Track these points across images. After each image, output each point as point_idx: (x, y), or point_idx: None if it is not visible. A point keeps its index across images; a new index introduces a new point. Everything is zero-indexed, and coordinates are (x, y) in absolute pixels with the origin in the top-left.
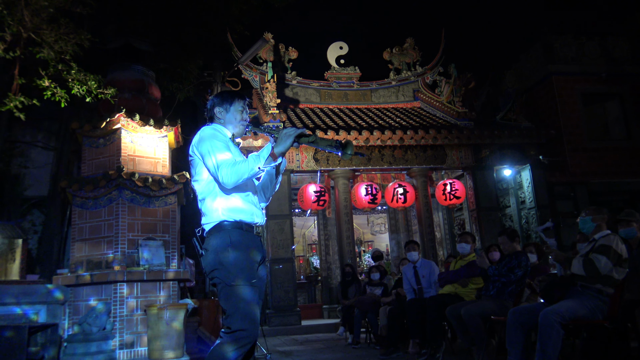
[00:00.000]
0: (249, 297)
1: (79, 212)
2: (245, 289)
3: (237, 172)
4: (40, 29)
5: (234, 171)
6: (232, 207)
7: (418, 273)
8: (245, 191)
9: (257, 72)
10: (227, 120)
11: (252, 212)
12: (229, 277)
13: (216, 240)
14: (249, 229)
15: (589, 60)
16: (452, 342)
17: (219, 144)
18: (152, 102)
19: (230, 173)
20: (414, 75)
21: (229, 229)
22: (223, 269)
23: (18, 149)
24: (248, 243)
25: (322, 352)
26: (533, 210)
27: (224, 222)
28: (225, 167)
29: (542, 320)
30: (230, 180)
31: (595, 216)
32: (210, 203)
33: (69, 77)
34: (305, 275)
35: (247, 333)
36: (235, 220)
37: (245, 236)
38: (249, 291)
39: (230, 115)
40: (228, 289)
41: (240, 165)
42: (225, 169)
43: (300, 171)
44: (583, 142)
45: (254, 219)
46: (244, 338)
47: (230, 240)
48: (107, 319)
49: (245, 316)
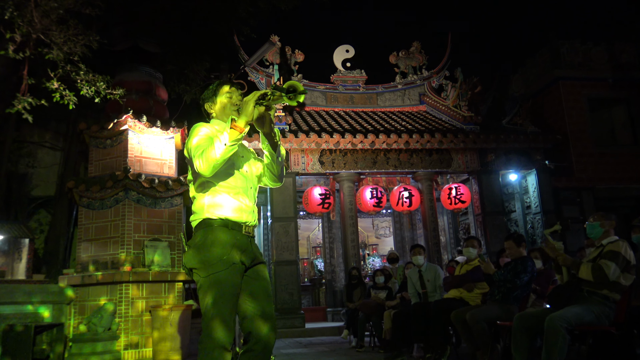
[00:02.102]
0: (221, 298)
1: (86, 213)
2: (220, 292)
3: (207, 157)
4: (49, 30)
5: (204, 157)
6: (218, 205)
7: (423, 277)
8: (234, 189)
9: (264, 74)
10: (219, 112)
11: (240, 210)
12: (206, 271)
13: (198, 238)
14: (236, 228)
15: (595, 65)
16: (456, 346)
17: (197, 137)
18: (159, 104)
19: (202, 159)
20: (420, 79)
21: (213, 226)
22: (201, 269)
23: (26, 149)
24: (229, 243)
25: (326, 355)
26: (539, 215)
27: (208, 220)
28: (198, 155)
29: (548, 326)
30: (204, 166)
31: (603, 222)
32: (199, 200)
33: (77, 78)
34: (310, 278)
35: (217, 339)
36: (221, 218)
37: (228, 235)
38: (224, 294)
39: (219, 106)
40: (204, 287)
41: (208, 149)
42: (198, 158)
43: (305, 174)
44: (589, 147)
45: (241, 218)
46: (212, 344)
47: (210, 239)
48: (113, 319)
49: (216, 320)
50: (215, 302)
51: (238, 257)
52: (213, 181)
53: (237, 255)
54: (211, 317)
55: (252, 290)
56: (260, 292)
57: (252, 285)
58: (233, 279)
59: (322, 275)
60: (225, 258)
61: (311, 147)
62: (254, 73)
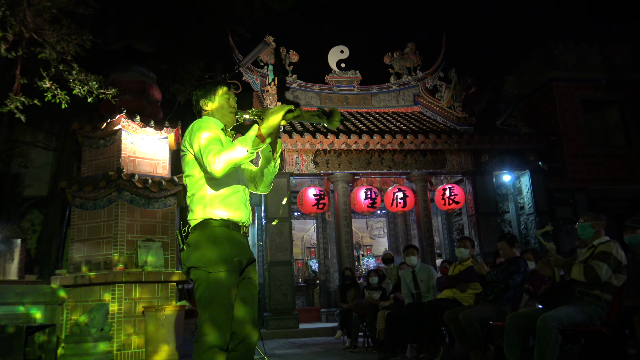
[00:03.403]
0: (218, 300)
1: (79, 213)
2: (218, 291)
3: (224, 158)
4: (42, 30)
5: (221, 158)
6: (218, 205)
7: (417, 277)
8: (235, 188)
9: (258, 74)
10: (215, 110)
11: (239, 210)
12: (206, 273)
13: (198, 237)
14: (235, 228)
15: (589, 66)
16: (450, 346)
17: (207, 133)
18: (152, 104)
19: (218, 160)
20: (415, 80)
21: (214, 227)
22: (201, 268)
23: (18, 148)
24: (230, 243)
25: (320, 355)
26: (532, 216)
27: (209, 220)
28: (212, 154)
29: (540, 326)
30: (218, 167)
31: (593, 222)
32: (198, 199)
33: (70, 78)
34: (304, 278)
35: (212, 340)
36: (222, 219)
37: (229, 235)
38: (222, 294)
39: (217, 106)
40: (202, 287)
41: (228, 150)
42: (212, 156)
43: (299, 174)
44: (583, 148)
45: (241, 218)
46: (207, 344)
47: (212, 239)
48: (106, 319)
49: (212, 321)
50: (212, 302)
51: (237, 258)
52: (213, 181)
53: (236, 256)
54: (208, 316)
55: (244, 296)
56: (251, 299)
57: (245, 292)
58: (231, 280)
59: (317, 275)
60: (225, 259)
61: (305, 147)
62: (249, 73)
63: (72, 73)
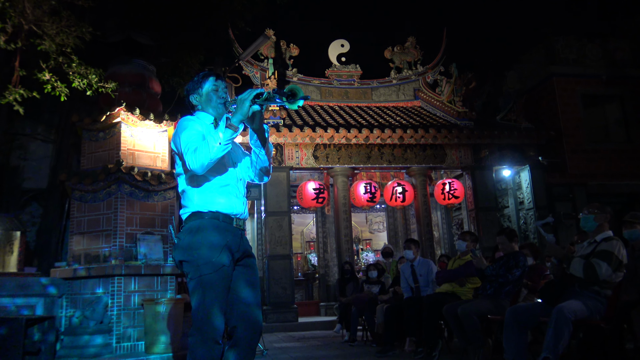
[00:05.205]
0: (210, 295)
1: (78, 205)
2: (210, 284)
3: (200, 155)
4: (41, 21)
5: (197, 155)
6: (209, 197)
7: (415, 271)
8: (224, 181)
9: (258, 68)
10: (204, 104)
11: (231, 203)
12: (197, 270)
13: (187, 230)
14: (227, 220)
15: (590, 62)
16: (448, 340)
17: (188, 132)
18: (152, 97)
19: (195, 158)
20: (415, 74)
21: (204, 220)
22: (192, 262)
23: (18, 141)
24: (218, 230)
25: (318, 349)
26: (531, 211)
27: (199, 212)
28: (190, 153)
29: (558, 316)
30: (196, 164)
31: (598, 215)
32: (189, 194)
33: (69, 70)
34: (303, 272)
35: (201, 335)
36: (211, 211)
37: (218, 225)
38: (213, 286)
39: (205, 98)
40: (193, 282)
41: (202, 147)
42: (190, 155)
43: (299, 168)
44: (583, 143)
45: (232, 210)
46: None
47: (199, 229)
48: (105, 312)
49: (205, 314)
50: (204, 298)
51: (228, 259)
52: (201, 176)
53: (227, 256)
54: (201, 311)
55: (249, 279)
56: (255, 282)
57: (248, 275)
58: (222, 281)
59: (316, 269)
60: (214, 260)
61: (305, 141)
62: (249, 67)
63: (71, 65)
